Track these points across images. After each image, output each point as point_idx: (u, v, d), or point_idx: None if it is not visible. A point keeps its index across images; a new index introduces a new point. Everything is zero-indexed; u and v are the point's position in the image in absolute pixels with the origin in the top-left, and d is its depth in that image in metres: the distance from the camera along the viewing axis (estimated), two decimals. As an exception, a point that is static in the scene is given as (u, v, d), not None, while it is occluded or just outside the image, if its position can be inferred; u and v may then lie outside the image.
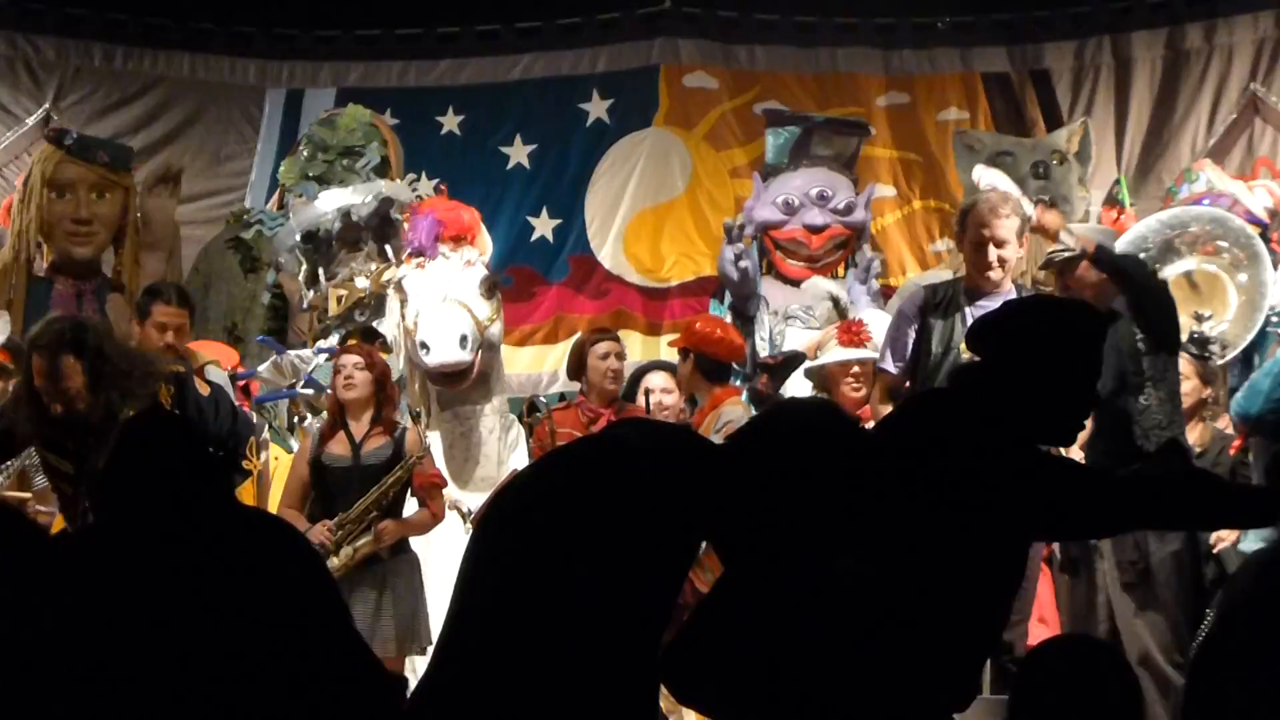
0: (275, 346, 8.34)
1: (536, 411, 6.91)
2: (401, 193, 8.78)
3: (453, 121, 11.25)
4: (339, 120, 9.71)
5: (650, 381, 7.36)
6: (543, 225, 11.09)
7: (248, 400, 7.82)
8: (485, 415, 7.85)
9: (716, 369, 7.13)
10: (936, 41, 11.14)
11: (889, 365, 6.20)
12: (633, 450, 3.23)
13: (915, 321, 6.09)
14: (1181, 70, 10.80)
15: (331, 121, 9.73)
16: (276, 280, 9.11)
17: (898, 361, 6.14)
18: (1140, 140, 10.76)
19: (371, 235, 8.64)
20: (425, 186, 10.55)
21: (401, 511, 6.66)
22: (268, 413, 8.41)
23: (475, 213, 8.37)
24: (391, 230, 8.63)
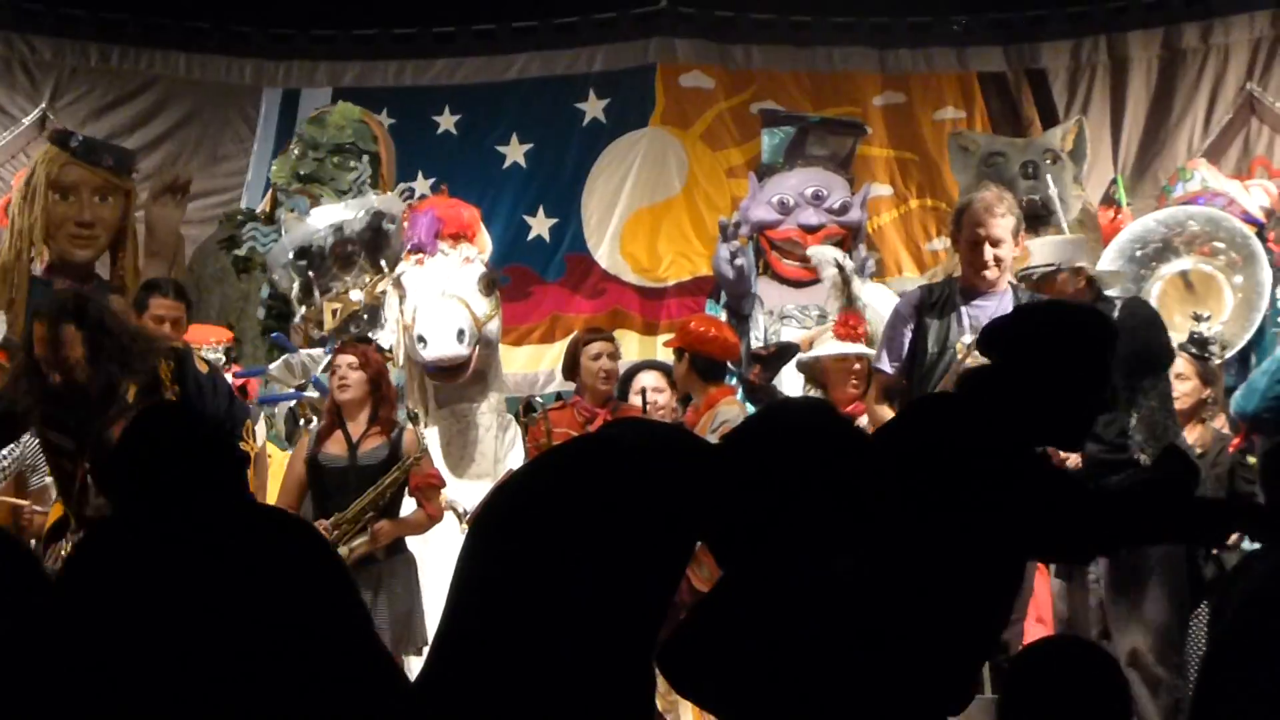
0: (287, 345, 8.33)
1: (532, 411, 6.90)
2: (393, 205, 8.78)
3: (449, 121, 11.25)
4: (329, 118, 9.69)
5: (642, 381, 7.37)
6: (539, 225, 11.09)
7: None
8: (483, 413, 7.84)
9: (712, 368, 7.13)
10: (933, 41, 11.15)
11: (885, 365, 6.20)
12: (628, 450, 3.24)
13: (911, 321, 6.09)
14: (1178, 70, 10.79)
15: (321, 120, 9.71)
16: (271, 294, 9.10)
17: (894, 361, 6.14)
18: (1137, 140, 10.76)
19: (364, 249, 8.64)
20: (422, 186, 10.60)
21: (399, 512, 6.65)
22: (267, 417, 8.40)
23: (475, 211, 8.37)
24: (384, 241, 8.64)
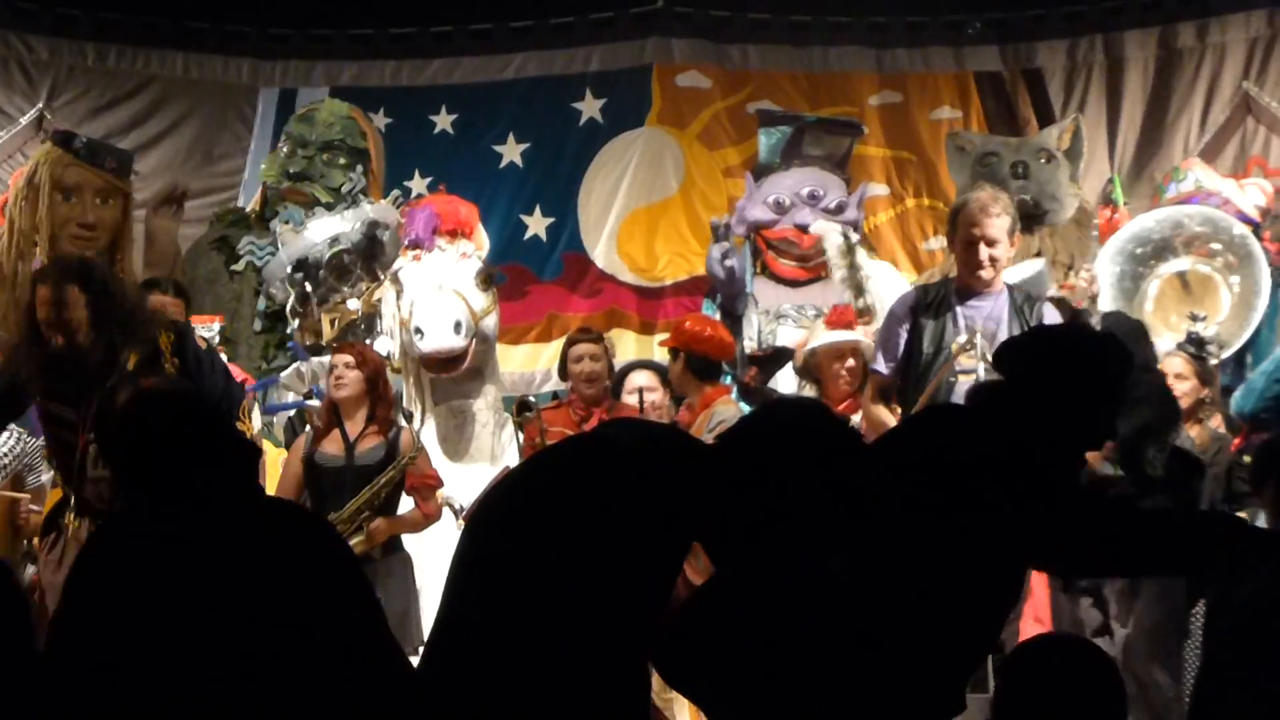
0: (301, 354, 8.31)
1: (526, 411, 6.89)
2: (388, 214, 8.78)
3: (446, 120, 11.25)
4: (317, 115, 9.71)
5: (636, 380, 7.33)
6: (536, 224, 11.09)
7: None
8: (480, 410, 7.85)
9: (707, 368, 7.13)
10: (929, 41, 11.15)
11: (881, 365, 6.19)
12: (624, 450, 3.23)
13: (906, 321, 6.08)
14: (1174, 69, 10.80)
15: (310, 117, 9.72)
16: (266, 306, 9.09)
17: (889, 362, 6.12)
18: (1133, 139, 10.76)
19: (360, 258, 8.65)
20: (419, 185, 10.60)
21: (395, 511, 6.64)
22: (263, 429, 8.39)
23: (473, 207, 8.39)
24: (379, 250, 8.64)
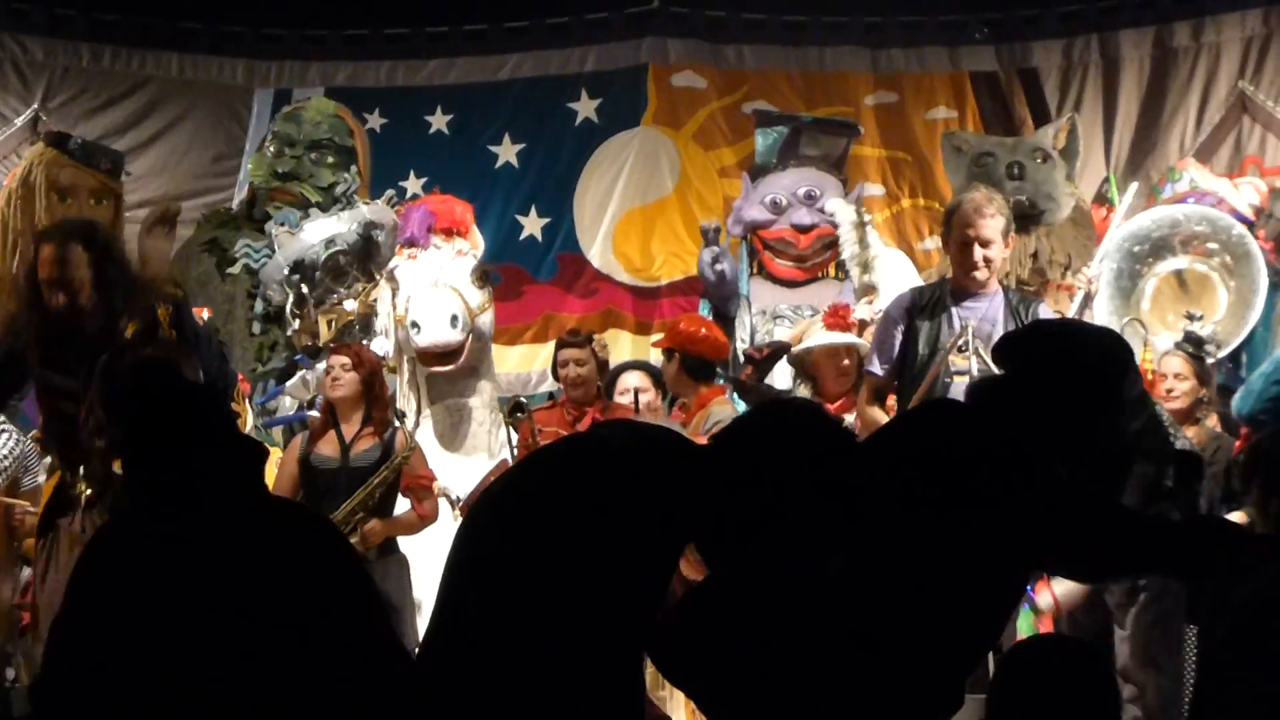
0: (307, 363, 8.31)
1: (519, 412, 6.89)
2: (384, 215, 8.79)
3: (441, 121, 11.24)
4: (304, 114, 9.70)
5: (628, 381, 7.34)
6: (531, 224, 11.08)
7: None
8: (476, 408, 7.86)
9: (702, 368, 7.14)
10: (925, 40, 11.14)
11: (875, 367, 6.19)
12: (618, 450, 3.23)
13: (901, 323, 6.08)
14: (1169, 68, 10.78)
15: (296, 116, 9.71)
16: (263, 309, 9.08)
17: (884, 363, 6.12)
18: (1129, 138, 10.75)
19: (356, 259, 8.65)
20: (414, 186, 10.60)
21: (391, 513, 6.65)
22: (259, 433, 8.37)
23: (468, 206, 8.41)
24: (375, 250, 8.64)
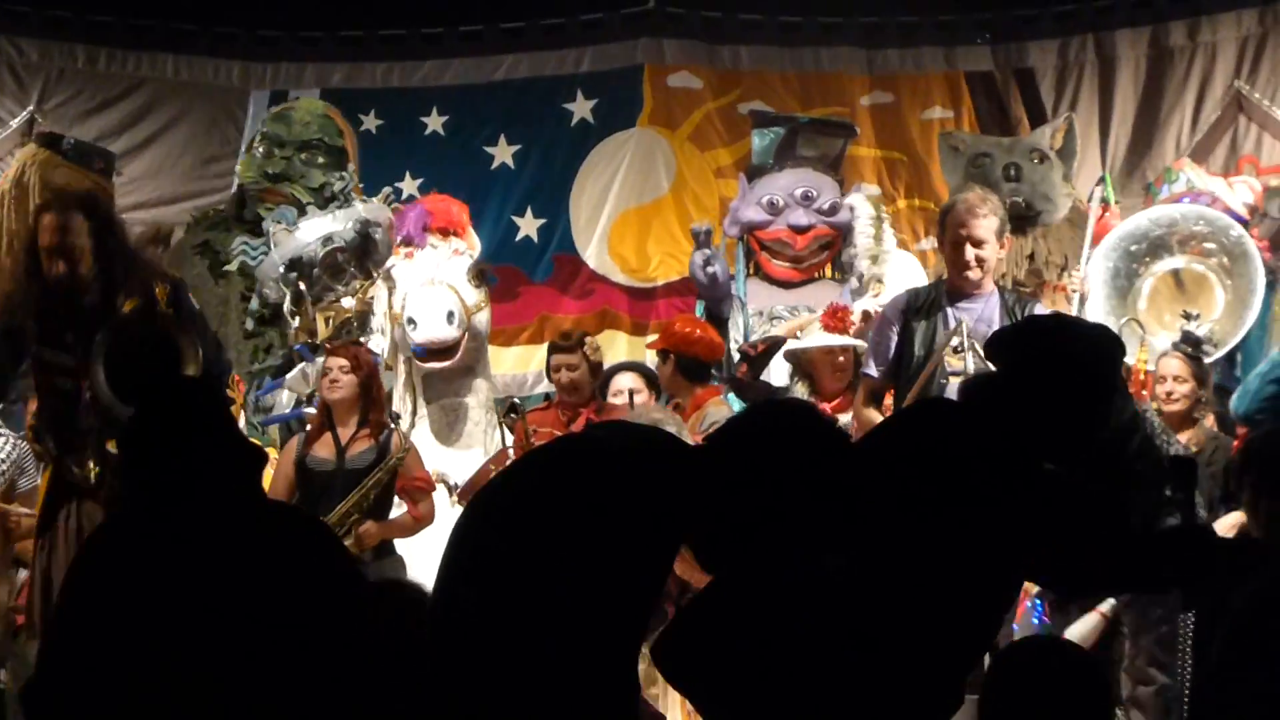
0: (307, 355, 8.30)
1: (513, 413, 6.91)
2: (380, 213, 8.79)
3: (437, 122, 11.23)
4: (293, 115, 9.68)
5: (621, 382, 7.36)
6: (527, 225, 11.07)
7: None
8: (472, 407, 7.87)
9: (697, 369, 7.15)
10: (920, 41, 11.13)
11: (871, 369, 6.20)
12: (611, 450, 3.23)
13: (897, 325, 6.09)
14: (1165, 68, 10.76)
15: (285, 116, 9.69)
16: (259, 305, 9.08)
17: (879, 365, 6.14)
18: (1125, 138, 10.74)
19: (353, 257, 8.65)
20: (410, 187, 10.60)
21: (387, 515, 6.65)
22: (256, 430, 8.36)
23: (465, 207, 8.41)
24: (372, 248, 8.64)
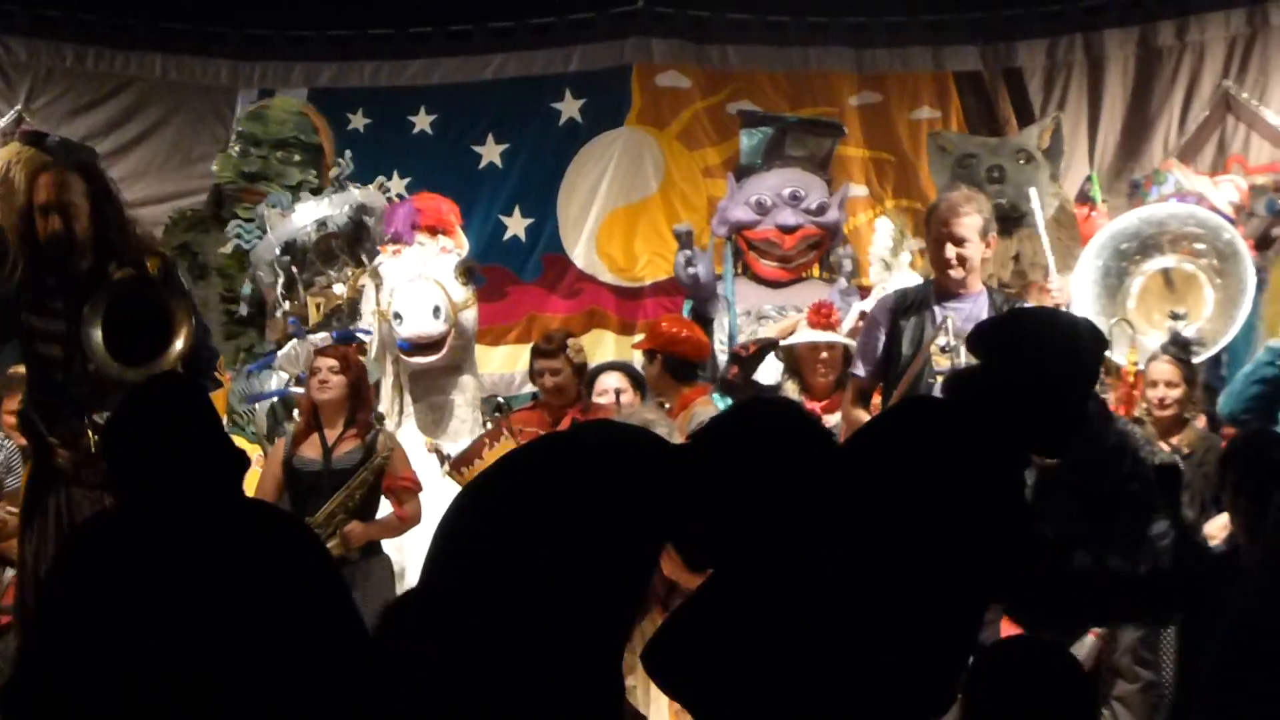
0: (299, 332, 8.28)
1: (498, 414, 6.91)
2: (375, 199, 8.79)
3: (425, 121, 11.23)
4: (268, 113, 9.69)
5: (606, 382, 7.38)
6: (515, 224, 11.07)
7: None
8: (458, 406, 7.85)
9: (684, 369, 7.16)
10: (909, 40, 11.14)
11: (859, 369, 6.22)
12: (594, 448, 3.24)
13: (885, 325, 6.09)
14: (1154, 68, 10.78)
15: (261, 115, 9.70)
16: (251, 290, 9.06)
17: (866, 365, 6.15)
18: (1113, 138, 10.76)
19: (345, 243, 8.64)
20: (398, 186, 10.57)
21: (375, 514, 6.64)
22: (241, 418, 8.36)
23: (454, 205, 8.39)
24: (365, 235, 8.63)
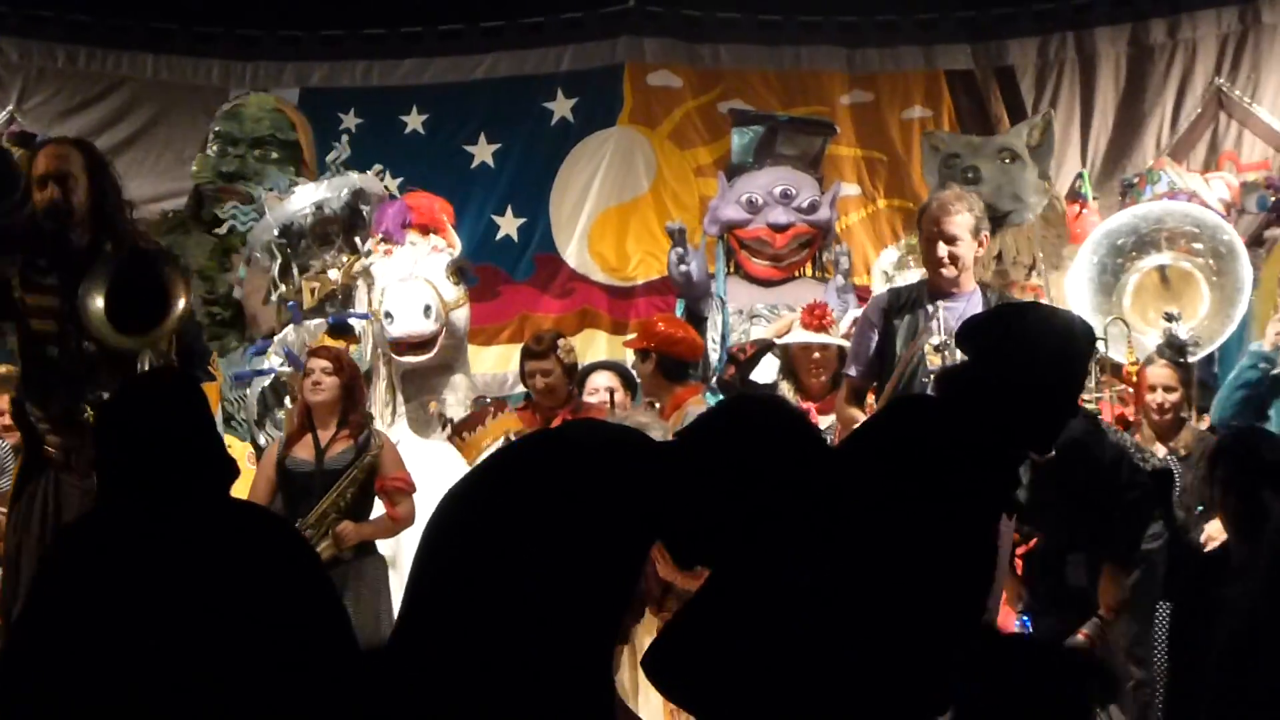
0: (296, 315, 8.28)
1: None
2: (373, 185, 8.78)
3: (417, 121, 11.24)
4: (244, 111, 9.66)
5: (596, 381, 7.40)
6: (507, 224, 11.08)
7: None
8: (450, 405, 7.86)
9: (678, 369, 7.16)
10: (900, 40, 11.14)
11: (852, 369, 6.22)
12: (581, 446, 3.23)
13: (878, 325, 6.08)
14: (1146, 65, 10.80)
15: (237, 114, 9.67)
16: (245, 273, 9.04)
17: (859, 365, 6.15)
18: (1106, 136, 10.77)
19: (341, 228, 8.63)
20: (390, 185, 10.56)
21: (368, 514, 6.65)
22: (232, 405, 8.36)
23: (446, 205, 8.39)
24: (360, 222, 8.62)
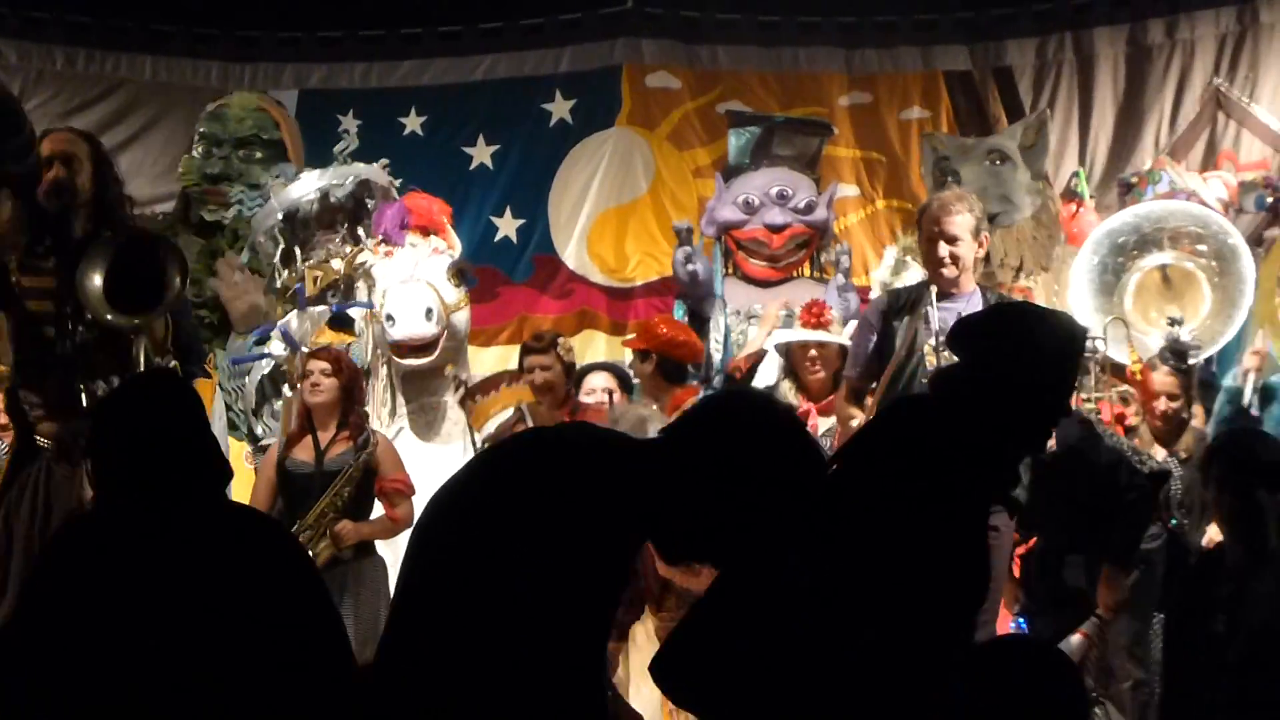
0: (301, 302, 8.25)
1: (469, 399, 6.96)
2: (378, 175, 8.80)
3: (415, 122, 11.24)
4: (227, 112, 9.62)
5: (593, 382, 7.42)
6: (506, 225, 11.08)
7: None
8: (450, 407, 7.88)
9: (677, 371, 7.19)
10: (898, 40, 11.14)
11: (850, 370, 6.23)
12: (569, 445, 3.24)
13: (877, 326, 6.08)
14: (1144, 66, 10.80)
15: (221, 115, 9.63)
16: (249, 259, 9.03)
17: (856, 366, 6.15)
18: (1105, 136, 10.77)
19: (346, 217, 8.63)
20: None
21: (368, 514, 6.65)
22: (230, 395, 8.35)
23: (446, 206, 8.40)
24: (364, 213, 8.62)
